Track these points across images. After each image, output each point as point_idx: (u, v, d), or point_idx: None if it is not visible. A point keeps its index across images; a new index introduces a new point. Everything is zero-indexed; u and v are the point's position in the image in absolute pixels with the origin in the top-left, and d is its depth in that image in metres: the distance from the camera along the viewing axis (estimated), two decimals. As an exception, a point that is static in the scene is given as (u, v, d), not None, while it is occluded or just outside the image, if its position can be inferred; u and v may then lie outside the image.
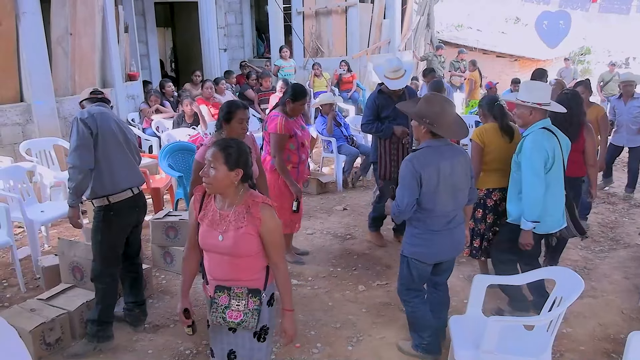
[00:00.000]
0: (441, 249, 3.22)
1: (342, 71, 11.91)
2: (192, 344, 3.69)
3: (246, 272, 2.44)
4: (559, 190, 3.63)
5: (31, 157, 5.94)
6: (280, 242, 2.49)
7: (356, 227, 5.91)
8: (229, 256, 2.41)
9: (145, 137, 7.82)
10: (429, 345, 3.40)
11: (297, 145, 4.58)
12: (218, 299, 2.44)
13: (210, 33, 10.91)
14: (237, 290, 2.42)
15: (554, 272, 3.19)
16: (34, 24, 6.38)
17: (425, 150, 3.09)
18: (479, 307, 3.24)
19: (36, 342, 3.42)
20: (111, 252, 3.55)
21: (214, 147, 2.38)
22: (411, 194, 3.04)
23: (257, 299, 2.41)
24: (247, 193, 2.43)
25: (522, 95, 3.58)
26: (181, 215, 4.85)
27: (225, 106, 3.73)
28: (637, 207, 6.58)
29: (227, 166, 2.33)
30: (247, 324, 2.41)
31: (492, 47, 18.23)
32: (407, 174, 3.05)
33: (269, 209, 2.41)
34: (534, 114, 3.55)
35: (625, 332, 3.57)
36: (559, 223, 3.72)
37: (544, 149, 3.46)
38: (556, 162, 3.53)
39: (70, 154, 3.38)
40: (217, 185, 2.37)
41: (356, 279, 4.66)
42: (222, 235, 2.39)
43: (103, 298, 3.57)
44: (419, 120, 3.10)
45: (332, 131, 7.33)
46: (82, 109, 3.52)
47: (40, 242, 5.09)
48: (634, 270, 4.78)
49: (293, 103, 4.49)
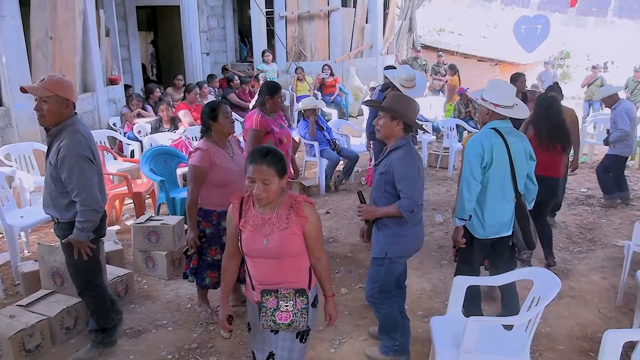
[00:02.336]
0: (418, 239, 3.31)
1: (325, 75, 11.96)
2: (174, 348, 3.68)
3: (291, 273, 2.49)
4: (499, 194, 3.47)
5: (10, 162, 5.87)
6: (321, 235, 2.57)
7: (339, 230, 5.93)
8: (274, 259, 2.44)
9: (126, 141, 7.77)
10: (400, 346, 3.41)
11: (275, 141, 4.58)
12: (266, 302, 2.44)
13: (192, 37, 10.89)
14: (284, 291, 2.44)
15: (531, 273, 3.23)
16: (14, 27, 6.31)
17: (408, 146, 3.17)
18: (458, 308, 3.27)
19: (15, 349, 3.38)
20: (93, 262, 3.37)
21: (259, 164, 2.32)
22: (421, 188, 3.12)
23: (304, 297, 2.46)
24: (285, 195, 2.47)
25: (486, 93, 3.52)
26: (163, 220, 4.84)
27: (207, 107, 3.78)
28: (614, 209, 6.69)
29: (279, 177, 2.37)
30: (297, 323, 2.45)
31: (473, 51, 18.41)
32: (411, 169, 3.09)
33: (310, 206, 2.48)
34: (491, 114, 3.48)
35: (602, 331, 3.59)
36: (502, 230, 3.55)
37: (480, 147, 3.38)
38: (495, 164, 3.40)
39: (82, 195, 3.11)
40: (273, 197, 2.40)
41: (339, 282, 4.68)
42: (266, 239, 2.42)
43: (97, 306, 3.51)
44: (396, 115, 3.11)
45: (314, 135, 7.36)
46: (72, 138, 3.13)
47: (19, 248, 5.03)
48: (611, 271, 4.87)
49: (272, 98, 4.54)
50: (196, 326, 3.97)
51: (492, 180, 3.44)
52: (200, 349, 3.68)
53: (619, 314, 4.15)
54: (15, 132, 6.46)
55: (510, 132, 3.51)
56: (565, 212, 6.43)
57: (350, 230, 5.90)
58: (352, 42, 14.13)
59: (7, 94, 6.42)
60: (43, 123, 3.19)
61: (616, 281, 4.54)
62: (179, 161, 6.25)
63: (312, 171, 8.02)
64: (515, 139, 3.50)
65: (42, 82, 3.09)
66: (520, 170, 3.51)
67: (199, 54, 11.19)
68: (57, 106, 3.12)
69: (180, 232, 4.86)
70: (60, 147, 3.11)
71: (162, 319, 4.08)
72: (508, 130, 3.49)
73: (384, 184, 3.16)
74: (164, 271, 4.71)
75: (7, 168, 5.52)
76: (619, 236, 5.72)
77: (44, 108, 3.10)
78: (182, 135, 7.22)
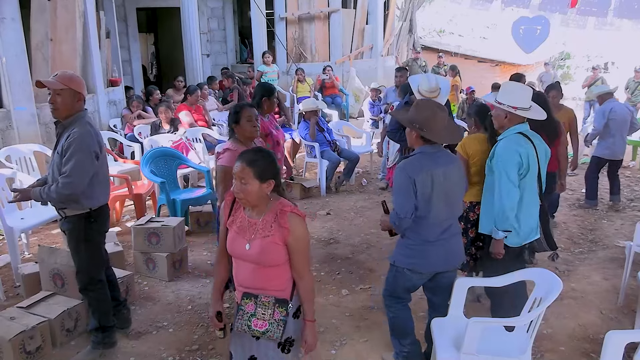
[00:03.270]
0: (436, 259, 3.11)
1: (326, 77, 11.93)
2: (175, 350, 3.67)
3: (273, 282, 2.42)
4: (532, 199, 3.46)
5: (11, 163, 5.87)
6: (307, 252, 2.46)
7: (340, 231, 5.93)
8: (256, 264, 2.40)
9: (127, 143, 7.77)
10: (409, 354, 3.33)
11: (273, 143, 4.60)
12: (245, 306, 2.42)
13: (192, 39, 10.89)
14: (264, 299, 2.40)
15: (533, 274, 3.22)
16: (14, 29, 6.31)
17: (418, 156, 3.04)
18: (460, 309, 3.26)
19: (16, 351, 3.37)
20: (98, 257, 3.52)
21: (241, 161, 2.34)
22: (409, 201, 2.97)
23: (283, 309, 2.40)
24: (276, 201, 2.41)
25: (501, 96, 3.45)
26: (163, 222, 4.83)
27: (232, 109, 3.80)
28: (615, 209, 6.68)
29: (259, 180, 2.32)
30: (271, 333, 2.39)
31: (474, 52, 18.43)
32: (402, 180, 2.98)
33: (297, 218, 2.38)
34: (510, 117, 3.41)
35: (604, 332, 3.58)
36: (531, 234, 3.53)
37: (517, 154, 3.31)
38: (530, 170, 3.38)
39: (70, 178, 3.17)
40: (252, 199, 2.35)
41: (339, 283, 4.67)
42: (249, 244, 2.39)
43: (99, 304, 3.54)
44: (409, 126, 3.04)
45: (315, 136, 7.35)
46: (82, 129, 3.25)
47: (20, 250, 5.03)
48: (612, 272, 4.86)
49: (269, 99, 4.58)
50: (197, 328, 3.96)
51: (528, 188, 3.40)
52: (201, 351, 3.67)
53: (621, 315, 4.14)
54: (16, 134, 6.46)
55: (533, 135, 3.49)
56: (567, 213, 6.43)
57: (351, 232, 5.89)
58: (352, 44, 14.14)
59: (7, 96, 6.42)
60: (56, 116, 3.32)
61: (617, 282, 4.53)
62: (180, 163, 6.25)
63: (313, 172, 8.01)
64: (539, 141, 3.50)
65: (56, 76, 3.27)
66: (544, 172, 3.51)
67: (199, 55, 11.19)
68: (69, 99, 3.27)
69: (180, 234, 4.86)
70: (70, 135, 3.22)
71: (162, 320, 4.08)
72: (531, 134, 3.47)
73: None
74: (164, 273, 4.71)
75: (7, 170, 5.51)
76: (620, 237, 5.71)
77: (57, 101, 3.25)
78: (183, 137, 7.22)
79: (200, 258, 5.23)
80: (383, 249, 5.28)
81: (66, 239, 3.50)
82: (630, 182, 7.95)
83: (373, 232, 5.65)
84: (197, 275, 4.87)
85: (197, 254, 5.32)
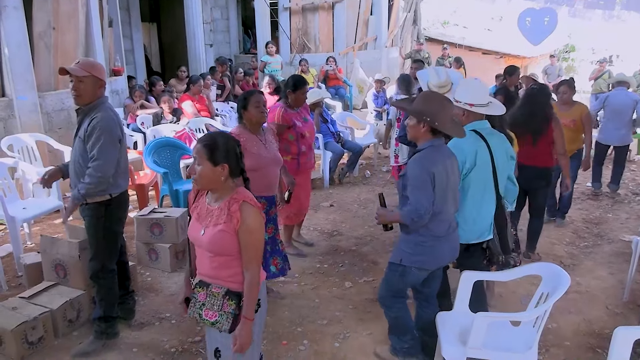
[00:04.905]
0: (443, 255, 3.10)
1: (330, 68, 11.86)
2: (177, 342, 3.66)
3: (226, 272, 2.37)
4: (483, 198, 3.34)
5: (13, 153, 5.85)
6: (256, 245, 2.36)
7: (343, 223, 5.90)
8: (209, 252, 2.37)
9: (129, 133, 7.73)
10: (410, 349, 3.31)
11: (297, 136, 4.64)
12: (197, 294, 2.41)
13: (195, 28, 10.84)
14: (214, 289, 2.37)
15: (539, 268, 3.19)
16: (16, 18, 6.27)
17: (430, 149, 2.94)
18: (466, 304, 3.23)
19: (18, 341, 3.36)
20: (114, 245, 3.54)
21: (198, 143, 2.35)
22: (429, 195, 2.85)
23: (233, 302, 2.34)
24: (235, 190, 2.37)
25: (458, 94, 3.38)
26: (166, 212, 4.81)
27: (241, 95, 3.88)
28: (620, 203, 6.65)
29: (211, 162, 2.29)
30: (220, 325, 2.35)
31: (478, 44, 18.30)
32: (420, 174, 2.87)
33: (250, 208, 2.31)
34: (468, 114, 3.34)
35: (609, 327, 3.61)
36: (483, 234, 3.42)
37: (462, 152, 3.20)
38: (478, 167, 3.26)
39: (99, 160, 3.22)
40: (203, 182, 2.34)
41: (343, 276, 4.65)
42: (203, 230, 2.37)
43: (107, 293, 3.54)
44: (419, 118, 2.93)
45: (318, 127, 7.30)
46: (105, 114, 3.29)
47: (22, 240, 5.01)
48: (618, 266, 4.83)
49: (294, 93, 4.64)
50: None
51: (473, 185, 3.30)
52: (204, 342, 3.64)
53: (626, 310, 4.11)
54: (18, 123, 6.44)
55: (491, 133, 3.38)
56: (572, 207, 6.37)
57: (354, 224, 5.86)
58: (356, 34, 14.05)
59: (9, 85, 6.39)
60: (78, 103, 3.36)
61: (623, 277, 4.50)
62: (183, 153, 6.22)
63: (316, 164, 7.97)
64: (497, 140, 3.38)
65: (78, 63, 3.32)
66: (501, 173, 3.40)
67: (202, 45, 11.14)
68: (91, 86, 3.31)
69: (183, 225, 4.83)
70: (93, 120, 3.26)
71: (165, 311, 4.06)
72: (488, 132, 3.37)
73: (402, 187, 3.03)
74: (167, 264, 4.69)
75: (9, 159, 5.49)
76: (626, 231, 5.68)
77: (80, 88, 3.29)
78: (186, 127, 7.18)
79: (203, 249, 5.20)
80: (386, 242, 5.26)
81: (85, 225, 3.51)
82: (635, 176, 7.90)
83: (376, 225, 5.61)
84: (199, 266, 4.84)
85: (199, 245, 5.29)
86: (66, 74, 3.31)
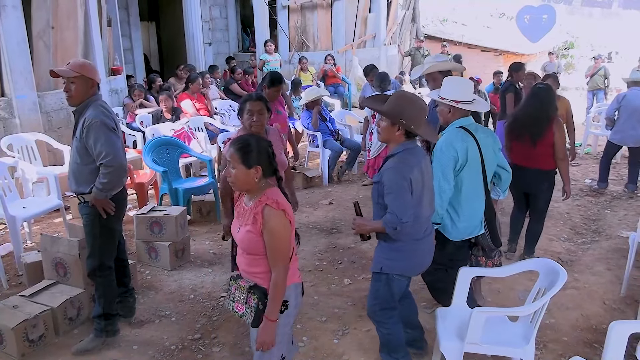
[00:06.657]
0: (423, 258, 3.04)
1: (329, 66, 11.85)
2: (177, 339, 3.68)
3: (256, 269, 2.46)
4: (474, 194, 3.37)
5: (13, 152, 5.86)
6: (280, 247, 2.37)
7: (342, 221, 5.92)
8: (241, 249, 2.50)
9: (129, 131, 7.75)
10: None
11: None
12: (231, 287, 2.52)
13: (194, 27, 10.84)
14: (242, 282, 2.47)
15: (537, 264, 3.21)
16: (15, 17, 6.28)
17: (404, 153, 2.84)
18: (463, 299, 3.25)
19: (19, 339, 3.38)
20: (112, 243, 3.56)
21: (230, 146, 2.42)
22: (409, 202, 2.77)
23: (256, 297, 2.40)
24: (266, 190, 2.42)
25: (443, 91, 3.39)
26: (166, 211, 4.83)
27: (241, 99, 3.81)
28: (619, 200, 6.67)
29: (245, 165, 2.36)
30: (245, 318, 2.45)
31: (477, 41, 18.31)
32: (398, 181, 2.76)
33: (272, 211, 2.35)
34: (453, 111, 3.36)
35: (607, 323, 3.61)
36: (475, 230, 3.45)
37: (454, 150, 3.24)
38: (469, 164, 3.29)
39: (109, 156, 3.24)
40: (239, 184, 2.43)
41: (342, 273, 4.67)
42: (239, 228, 2.48)
43: (105, 290, 3.55)
44: (394, 121, 2.82)
45: (317, 125, 7.33)
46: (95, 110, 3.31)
47: (22, 239, 5.03)
48: (615, 262, 4.84)
49: (269, 89, 4.80)
50: (199, 317, 3.97)
51: (466, 182, 3.33)
52: (204, 340, 3.68)
53: (624, 306, 4.13)
54: (18, 123, 6.45)
55: (477, 128, 3.41)
56: (570, 203, 6.39)
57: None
58: (355, 32, 14.04)
59: (9, 84, 6.40)
60: (71, 103, 3.39)
61: (621, 272, 4.52)
62: (182, 152, 6.23)
63: (315, 162, 7.99)
64: (483, 135, 3.41)
65: (69, 65, 3.33)
66: (489, 167, 3.42)
67: (201, 44, 11.14)
68: (83, 86, 3.33)
69: (183, 223, 4.85)
70: (85, 118, 3.28)
71: (165, 309, 4.08)
72: (475, 127, 3.39)
73: (377, 195, 2.89)
74: (166, 262, 4.71)
75: (9, 159, 5.50)
76: (624, 227, 5.69)
77: (72, 89, 3.32)
78: (185, 126, 7.19)
79: (203, 247, 5.23)
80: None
81: (83, 223, 3.53)
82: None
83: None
84: (199, 264, 4.86)
85: (199, 243, 5.32)
86: (57, 76, 3.34)
